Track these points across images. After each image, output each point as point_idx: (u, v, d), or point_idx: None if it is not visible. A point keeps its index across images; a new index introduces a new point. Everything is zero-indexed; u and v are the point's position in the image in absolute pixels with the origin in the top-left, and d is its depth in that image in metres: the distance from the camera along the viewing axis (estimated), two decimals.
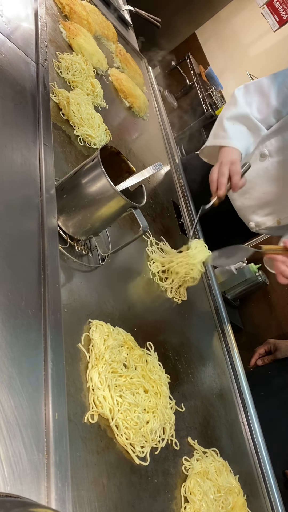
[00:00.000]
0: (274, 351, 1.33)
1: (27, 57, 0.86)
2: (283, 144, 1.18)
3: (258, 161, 1.24)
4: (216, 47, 4.17)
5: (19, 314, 0.51)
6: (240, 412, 1.02)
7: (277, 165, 1.20)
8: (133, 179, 0.72)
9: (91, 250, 0.78)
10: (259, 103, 1.20)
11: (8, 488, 0.39)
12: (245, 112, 1.19)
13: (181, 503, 0.65)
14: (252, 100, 1.20)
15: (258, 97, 1.20)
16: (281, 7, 3.58)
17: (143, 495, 0.59)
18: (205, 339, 1.09)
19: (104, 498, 0.52)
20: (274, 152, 1.21)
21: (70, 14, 1.27)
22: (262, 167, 1.23)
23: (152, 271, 0.97)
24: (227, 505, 0.70)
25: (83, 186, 0.68)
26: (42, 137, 0.74)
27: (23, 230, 0.60)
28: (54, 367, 0.50)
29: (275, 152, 1.20)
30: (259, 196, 1.26)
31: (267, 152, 1.22)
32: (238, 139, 1.17)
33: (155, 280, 0.97)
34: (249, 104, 1.20)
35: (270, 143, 1.21)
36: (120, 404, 0.60)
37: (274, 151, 1.21)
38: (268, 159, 1.22)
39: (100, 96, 1.15)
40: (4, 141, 0.66)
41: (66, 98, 0.95)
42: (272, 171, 1.22)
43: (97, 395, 0.58)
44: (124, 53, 1.59)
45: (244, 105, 1.20)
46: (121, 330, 0.71)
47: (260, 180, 1.24)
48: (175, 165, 1.61)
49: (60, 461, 0.45)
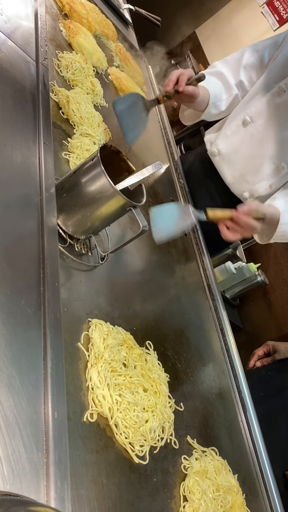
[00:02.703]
0: (273, 353, 1.32)
1: (27, 56, 0.86)
2: (263, 106, 1.23)
3: (241, 129, 1.29)
4: (216, 46, 4.17)
5: (18, 313, 0.51)
6: (239, 411, 1.03)
7: (260, 128, 1.25)
8: (133, 178, 0.72)
9: (90, 249, 0.78)
10: (233, 67, 1.29)
11: (8, 486, 0.39)
12: (219, 70, 1.29)
13: (180, 502, 0.65)
14: (227, 64, 1.31)
15: (233, 62, 1.30)
16: (281, 6, 3.58)
17: (142, 494, 0.59)
18: (205, 338, 1.09)
19: (103, 497, 0.52)
20: (255, 116, 1.25)
21: (70, 12, 1.27)
22: (247, 134, 1.28)
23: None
24: (226, 504, 0.71)
25: (82, 185, 0.68)
26: (42, 136, 0.74)
27: (23, 229, 0.60)
28: (53, 366, 0.50)
29: (257, 115, 1.25)
30: (248, 163, 1.30)
31: (249, 118, 1.26)
32: (209, 84, 1.23)
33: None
34: (224, 66, 1.30)
35: (250, 109, 1.26)
36: (119, 403, 0.60)
37: (256, 116, 1.25)
38: (250, 124, 1.27)
39: (100, 95, 1.15)
40: (3, 139, 0.66)
41: (66, 97, 0.95)
42: (257, 135, 1.26)
43: (97, 394, 0.58)
44: (124, 52, 1.59)
45: (220, 66, 1.30)
46: (121, 329, 0.72)
47: (246, 148, 1.29)
48: (174, 164, 1.61)
49: (59, 460, 0.45)
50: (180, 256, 1.22)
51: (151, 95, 1.81)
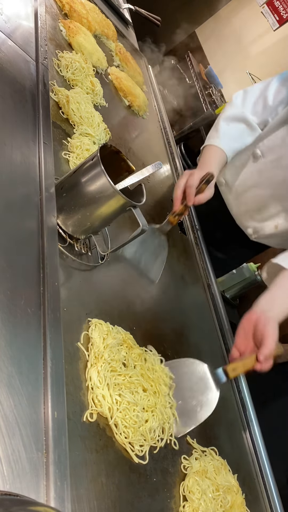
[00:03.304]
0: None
1: (27, 56, 0.86)
2: (276, 142, 1.12)
3: (251, 163, 1.19)
4: (216, 46, 4.17)
5: (18, 312, 0.51)
6: (239, 411, 1.03)
7: (270, 164, 1.14)
8: (133, 178, 0.72)
9: (90, 249, 0.78)
10: (255, 104, 1.17)
11: (7, 486, 0.39)
12: (241, 112, 1.17)
13: (179, 502, 0.65)
14: (249, 101, 1.18)
15: (255, 98, 1.18)
16: (281, 6, 3.58)
17: (142, 493, 0.59)
18: (204, 338, 1.09)
19: (103, 496, 0.52)
20: (267, 151, 1.14)
21: (70, 12, 1.27)
22: (256, 169, 1.17)
23: None
24: (226, 503, 0.71)
25: (82, 184, 0.68)
26: (42, 136, 0.74)
27: (23, 228, 0.60)
28: (53, 366, 0.50)
29: (268, 151, 1.14)
30: (254, 199, 1.21)
31: (260, 152, 1.15)
32: (227, 139, 1.14)
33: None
34: (245, 105, 1.18)
35: (263, 143, 1.15)
36: (119, 403, 0.60)
37: (267, 151, 1.14)
38: (261, 159, 1.15)
39: (99, 94, 1.15)
40: (3, 139, 0.65)
41: (66, 97, 0.95)
42: (266, 173, 1.16)
43: (96, 393, 0.58)
44: (123, 51, 1.59)
45: (240, 106, 1.18)
46: (120, 329, 0.71)
47: (254, 183, 1.19)
48: (174, 164, 1.61)
49: (59, 459, 0.45)
50: (180, 255, 1.22)
51: (150, 94, 1.81)
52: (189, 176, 1.00)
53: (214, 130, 1.18)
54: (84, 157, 0.88)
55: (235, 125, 1.17)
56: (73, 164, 0.86)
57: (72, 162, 0.86)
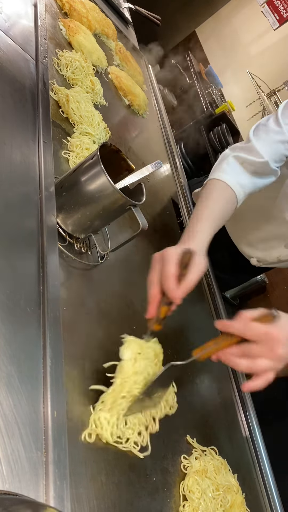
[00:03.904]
0: None
1: (27, 54, 0.86)
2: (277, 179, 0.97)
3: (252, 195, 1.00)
4: (216, 46, 4.17)
5: (18, 312, 0.51)
6: (239, 410, 1.03)
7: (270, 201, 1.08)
8: (133, 177, 0.72)
9: (90, 248, 0.78)
10: (271, 144, 0.92)
11: (7, 485, 0.39)
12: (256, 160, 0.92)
13: (179, 501, 0.65)
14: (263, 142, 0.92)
15: (272, 140, 0.92)
16: (281, 6, 3.58)
17: (141, 493, 0.59)
18: (204, 338, 1.08)
19: (102, 496, 0.52)
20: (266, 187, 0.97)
21: (70, 11, 1.26)
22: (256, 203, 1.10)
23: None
24: (226, 503, 0.70)
25: (82, 183, 0.68)
26: (42, 135, 0.74)
27: (22, 227, 0.60)
28: (53, 365, 0.50)
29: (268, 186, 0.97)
30: (252, 231, 1.17)
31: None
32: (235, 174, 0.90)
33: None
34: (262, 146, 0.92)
35: None
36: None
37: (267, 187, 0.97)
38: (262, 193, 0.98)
39: (99, 94, 1.15)
40: (3, 138, 0.65)
41: (66, 96, 0.95)
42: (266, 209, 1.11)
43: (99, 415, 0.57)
44: (124, 51, 1.59)
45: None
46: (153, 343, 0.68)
47: (253, 217, 1.15)
48: (174, 163, 1.61)
49: (58, 459, 0.45)
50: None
51: (150, 93, 1.81)
52: (163, 263, 0.67)
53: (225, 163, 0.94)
54: (84, 156, 0.88)
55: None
56: (73, 163, 0.85)
57: (72, 161, 0.86)
